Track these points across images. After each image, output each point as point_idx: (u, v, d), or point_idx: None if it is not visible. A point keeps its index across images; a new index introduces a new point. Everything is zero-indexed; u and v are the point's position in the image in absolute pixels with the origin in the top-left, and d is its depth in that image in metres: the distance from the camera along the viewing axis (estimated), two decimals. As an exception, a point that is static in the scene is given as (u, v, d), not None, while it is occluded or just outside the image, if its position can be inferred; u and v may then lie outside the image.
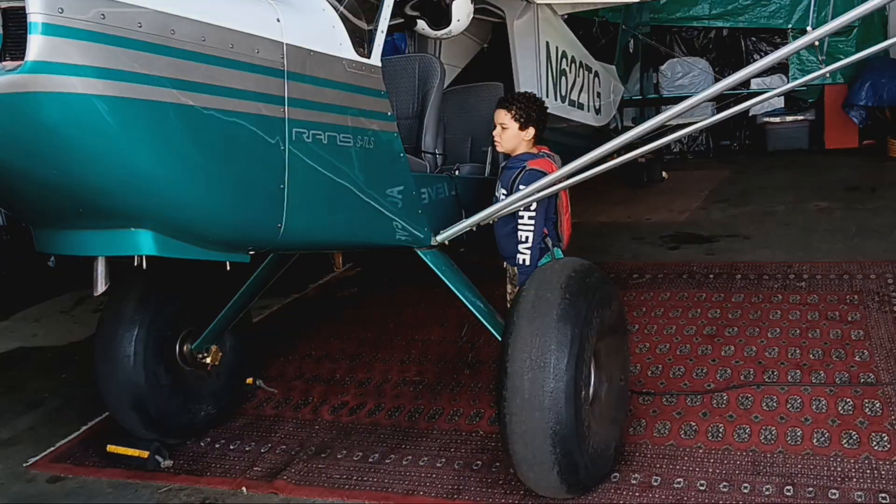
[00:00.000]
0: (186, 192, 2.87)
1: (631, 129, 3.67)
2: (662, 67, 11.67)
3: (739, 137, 12.11)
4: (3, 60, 2.49)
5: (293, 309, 6.63)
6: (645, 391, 4.49)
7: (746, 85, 9.71)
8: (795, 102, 11.56)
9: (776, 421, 4.06)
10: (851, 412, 4.06)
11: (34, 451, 4.57)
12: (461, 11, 4.53)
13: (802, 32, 10.68)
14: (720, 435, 4.00)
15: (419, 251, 4.17)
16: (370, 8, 3.76)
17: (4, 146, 2.59)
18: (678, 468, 3.79)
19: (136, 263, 3.03)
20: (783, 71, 11.02)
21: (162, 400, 4.36)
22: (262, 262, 4.45)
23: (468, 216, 4.17)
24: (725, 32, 11.96)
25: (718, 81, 3.51)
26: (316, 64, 3.28)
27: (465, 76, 6.51)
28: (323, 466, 4.15)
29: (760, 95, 4.96)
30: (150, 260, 3.03)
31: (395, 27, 4.46)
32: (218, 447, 4.46)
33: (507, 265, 4.48)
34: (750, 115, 11.39)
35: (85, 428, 4.77)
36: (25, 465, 4.45)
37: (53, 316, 7.08)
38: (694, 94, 3.78)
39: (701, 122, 4.18)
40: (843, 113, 10.78)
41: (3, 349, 6.39)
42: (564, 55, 6.23)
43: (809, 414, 4.09)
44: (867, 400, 4.14)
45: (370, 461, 4.15)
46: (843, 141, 11.01)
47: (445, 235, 4.15)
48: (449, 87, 5.61)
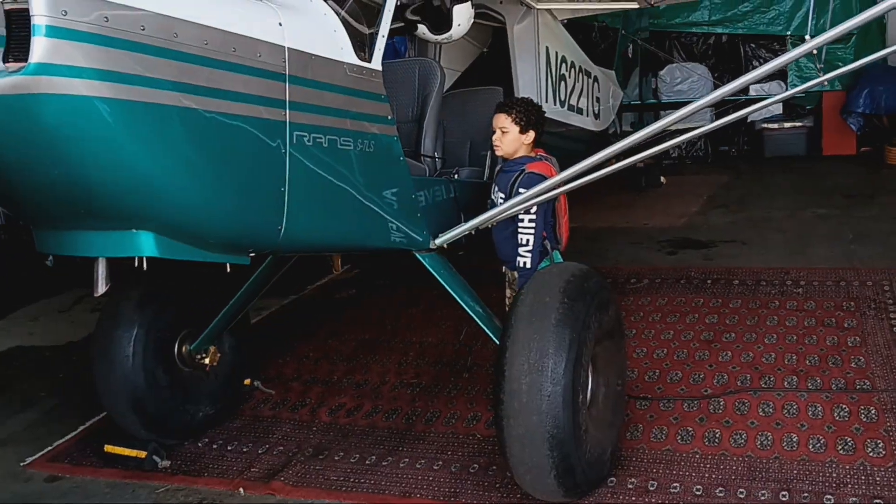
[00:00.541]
0: (188, 194, 2.88)
1: (630, 133, 3.69)
2: (661, 73, 11.69)
3: (738, 143, 12.15)
4: (6, 62, 2.50)
5: (291, 310, 6.64)
6: (642, 396, 4.50)
7: (745, 91, 9.74)
8: (793, 109, 11.60)
9: (772, 426, 4.08)
10: (847, 418, 4.08)
11: (31, 450, 4.57)
12: (462, 16, 4.56)
13: (801, 39, 10.69)
14: (717, 440, 4.02)
15: (418, 254, 4.18)
16: (371, 12, 3.78)
17: (7, 147, 2.60)
18: (675, 473, 3.80)
19: (136, 264, 3.04)
20: (781, 77, 11.05)
21: (160, 400, 4.37)
22: (261, 263, 4.46)
23: (467, 220, 4.19)
24: (724, 38, 12.02)
25: (717, 87, 3.53)
26: (317, 68, 3.30)
27: (464, 80, 6.54)
28: (320, 468, 4.16)
29: (759, 101, 4.98)
30: (149, 261, 3.04)
31: (395, 31, 4.47)
32: (215, 448, 4.47)
33: (505, 269, 4.49)
34: (748, 121, 11.41)
35: (82, 428, 4.77)
36: (22, 464, 4.45)
37: (51, 315, 7.08)
38: (693, 99, 3.80)
39: (700, 128, 4.19)
40: (840, 120, 10.82)
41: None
42: (564, 60, 6.25)
43: (805, 420, 4.11)
44: (863, 406, 4.16)
45: (367, 463, 4.16)
46: (840, 148, 11.04)
47: (444, 239, 4.16)
48: (448, 90, 5.63)
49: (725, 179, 10.19)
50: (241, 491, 4.02)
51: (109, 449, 4.38)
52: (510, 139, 4.24)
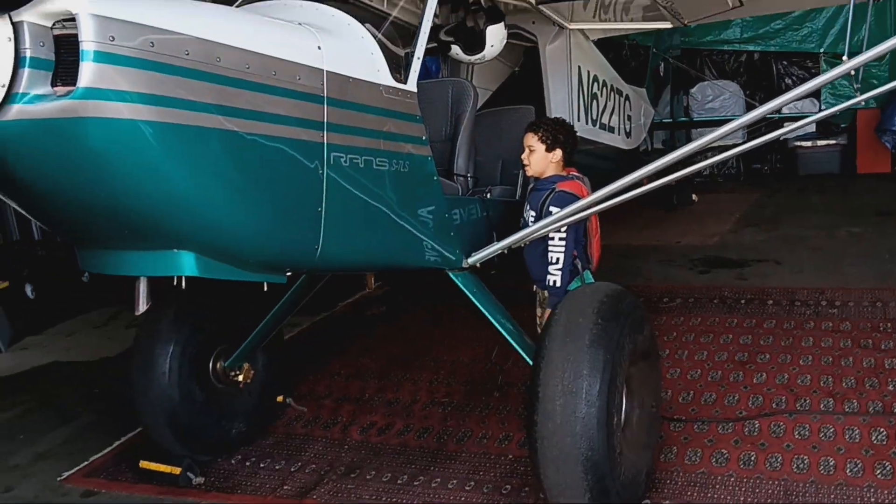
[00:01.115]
0: (229, 215, 2.93)
1: (661, 151, 3.68)
2: (693, 90, 11.66)
3: (770, 161, 12.07)
4: (54, 86, 2.56)
5: (323, 327, 6.68)
6: (676, 417, 4.47)
7: (778, 109, 9.67)
8: (827, 126, 11.49)
9: (809, 450, 4.03)
10: (885, 442, 4.01)
11: (68, 465, 4.63)
12: (495, 37, 4.59)
13: (835, 57, 10.66)
14: (752, 463, 3.98)
15: (451, 273, 4.19)
16: (407, 34, 3.83)
17: (54, 169, 2.66)
18: (709, 496, 3.76)
19: (175, 283, 3.09)
20: (815, 94, 10.97)
21: (195, 416, 4.41)
22: (295, 281, 4.50)
23: (499, 239, 4.20)
24: (756, 56, 11.94)
25: (749, 105, 3.52)
26: (354, 90, 3.34)
27: (495, 98, 6.56)
28: (352, 486, 4.17)
29: (792, 120, 4.95)
30: (186, 279, 3.09)
31: (429, 51, 4.51)
32: (248, 465, 4.50)
33: (536, 288, 4.49)
34: (781, 138, 11.32)
35: (118, 443, 4.82)
36: (59, 479, 4.50)
37: (87, 331, 7.20)
38: (725, 118, 3.79)
39: (734, 148, 4.17)
40: (875, 137, 10.71)
41: (37, 363, 6.49)
42: (595, 79, 6.26)
43: (842, 443, 4.05)
44: (901, 430, 4.10)
45: (399, 482, 4.16)
46: (875, 166, 10.93)
47: (477, 258, 4.17)
48: (480, 109, 5.66)
49: (757, 197, 10.12)
50: (274, 508, 4.05)
51: (144, 465, 4.42)
52: (537, 158, 4.26)
